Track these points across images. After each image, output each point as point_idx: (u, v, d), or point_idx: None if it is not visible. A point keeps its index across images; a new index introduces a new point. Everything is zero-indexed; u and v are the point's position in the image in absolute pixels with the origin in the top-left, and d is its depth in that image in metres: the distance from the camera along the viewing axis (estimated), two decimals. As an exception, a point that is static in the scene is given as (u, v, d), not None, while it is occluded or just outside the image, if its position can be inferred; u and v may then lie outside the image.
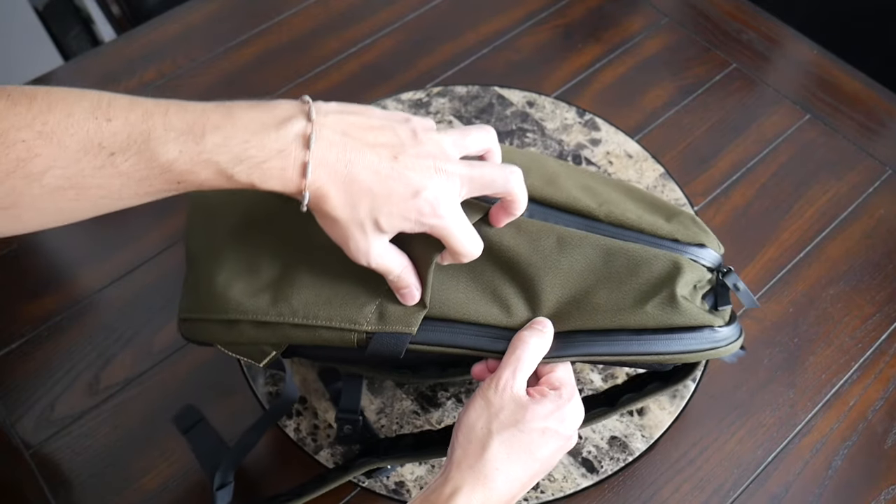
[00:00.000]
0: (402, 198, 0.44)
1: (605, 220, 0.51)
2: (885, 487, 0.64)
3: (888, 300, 0.73)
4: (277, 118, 0.42)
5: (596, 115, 0.85)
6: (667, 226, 0.52)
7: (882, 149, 0.84)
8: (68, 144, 0.39)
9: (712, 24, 0.95)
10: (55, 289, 0.75)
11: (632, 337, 0.50)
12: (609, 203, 0.52)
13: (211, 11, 0.98)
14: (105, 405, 0.68)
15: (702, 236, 0.53)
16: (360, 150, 0.43)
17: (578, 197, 0.52)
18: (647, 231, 0.51)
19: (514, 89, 0.88)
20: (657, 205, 0.55)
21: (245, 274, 0.51)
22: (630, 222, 0.51)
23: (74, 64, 0.95)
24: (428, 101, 0.87)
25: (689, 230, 0.53)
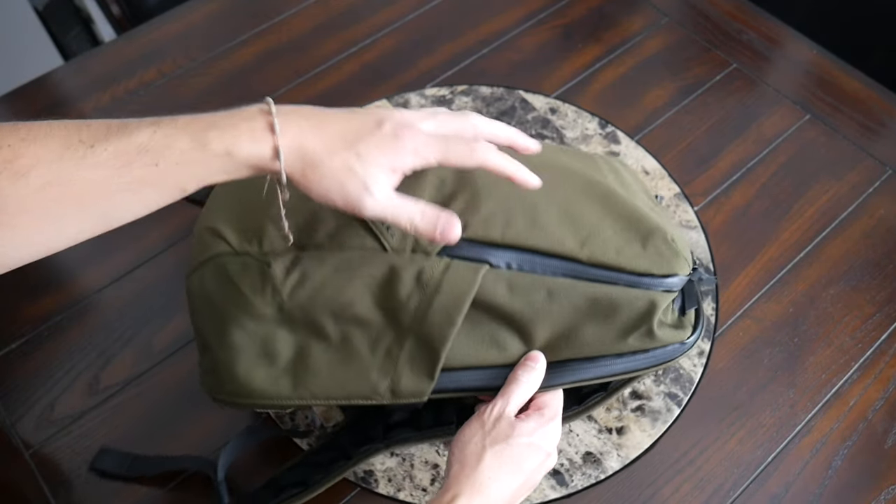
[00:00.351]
0: (370, 130, 0.45)
1: (588, 263, 0.54)
2: (885, 487, 0.64)
3: (888, 300, 0.73)
4: (238, 109, 0.46)
5: (618, 128, 0.85)
6: (643, 257, 0.55)
7: (882, 149, 0.84)
8: (51, 145, 0.41)
9: (712, 24, 0.95)
10: (55, 289, 0.75)
11: (615, 360, 0.57)
12: (591, 238, 0.55)
13: (211, 11, 0.98)
14: (105, 405, 0.68)
15: (674, 263, 0.55)
16: (318, 113, 0.46)
17: (563, 238, 0.54)
18: (626, 269, 0.54)
19: (538, 94, 0.88)
20: (633, 220, 0.56)
21: (262, 360, 0.53)
22: (611, 262, 0.54)
23: (74, 64, 0.95)
24: (451, 98, 0.87)
25: (663, 257, 0.55)
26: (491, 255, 0.53)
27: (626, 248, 0.55)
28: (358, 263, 0.51)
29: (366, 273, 0.51)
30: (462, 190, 0.54)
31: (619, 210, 0.56)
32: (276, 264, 0.51)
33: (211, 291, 0.53)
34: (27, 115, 0.88)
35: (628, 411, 0.67)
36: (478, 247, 0.53)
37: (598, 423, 0.66)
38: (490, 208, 0.53)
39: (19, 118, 0.88)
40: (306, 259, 0.51)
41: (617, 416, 0.67)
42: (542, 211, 0.55)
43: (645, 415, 0.67)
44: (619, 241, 0.55)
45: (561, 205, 0.55)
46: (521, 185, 0.50)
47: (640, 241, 0.55)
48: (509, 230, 0.53)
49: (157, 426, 0.67)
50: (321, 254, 0.51)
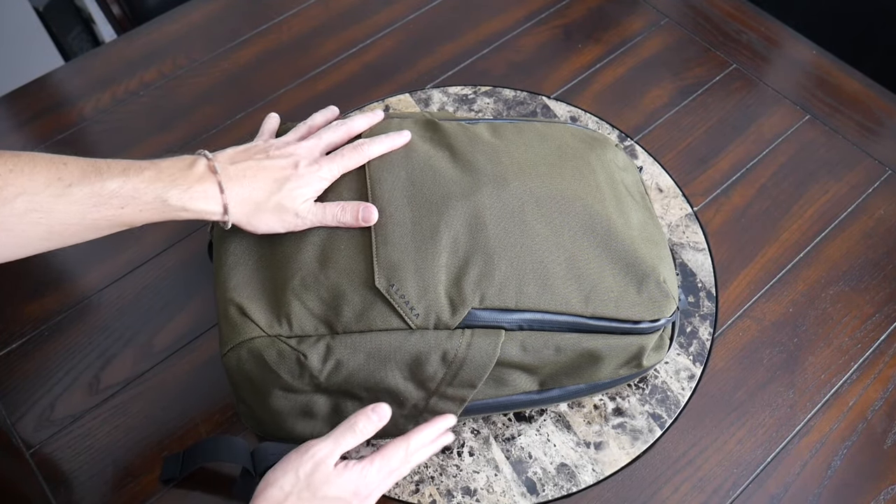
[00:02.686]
0: (289, 171, 0.59)
1: (591, 317, 0.59)
2: (884, 487, 0.64)
3: (888, 300, 0.74)
4: (187, 162, 0.56)
5: (637, 143, 0.85)
6: (638, 304, 0.60)
7: (881, 149, 0.84)
8: (36, 179, 0.50)
9: (712, 24, 0.96)
10: (55, 289, 0.75)
11: (605, 383, 0.65)
12: (594, 292, 0.59)
13: (211, 11, 0.98)
14: (105, 405, 0.68)
15: (664, 306, 0.61)
16: (252, 165, 0.58)
17: (569, 296, 0.59)
18: (623, 319, 0.60)
19: (562, 102, 0.88)
20: (631, 263, 0.61)
21: (302, 418, 0.60)
22: (610, 314, 0.59)
23: (74, 64, 0.95)
24: (474, 98, 0.87)
25: (655, 303, 0.61)
26: (505, 319, 0.57)
27: (624, 297, 0.60)
28: (388, 350, 0.56)
29: (396, 358, 0.56)
30: (475, 253, 0.58)
31: (619, 253, 0.61)
32: (312, 355, 0.55)
33: (249, 371, 0.56)
34: (27, 116, 0.88)
35: (609, 427, 0.66)
36: (495, 313, 0.57)
37: (576, 435, 0.66)
38: (504, 273, 0.57)
39: (19, 118, 0.88)
40: (338, 347, 0.55)
41: (597, 430, 0.66)
42: (551, 268, 0.59)
43: (626, 433, 0.66)
44: (617, 288, 0.60)
45: (567, 255, 0.60)
46: (402, 146, 0.62)
47: (635, 287, 0.60)
48: (522, 296, 0.57)
49: (157, 426, 0.67)
50: (352, 339, 0.55)
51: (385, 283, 0.55)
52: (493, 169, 0.61)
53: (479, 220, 0.58)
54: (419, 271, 0.56)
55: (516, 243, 0.59)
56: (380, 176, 0.60)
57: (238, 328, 0.55)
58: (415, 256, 0.56)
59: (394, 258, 0.56)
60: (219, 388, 0.68)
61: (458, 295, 0.56)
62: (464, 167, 0.61)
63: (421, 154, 0.62)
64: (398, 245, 0.57)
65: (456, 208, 0.58)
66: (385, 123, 0.65)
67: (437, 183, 0.60)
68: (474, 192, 0.59)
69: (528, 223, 0.59)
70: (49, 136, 0.86)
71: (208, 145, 0.84)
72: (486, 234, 0.58)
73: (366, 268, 0.56)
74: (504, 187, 0.60)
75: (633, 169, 0.71)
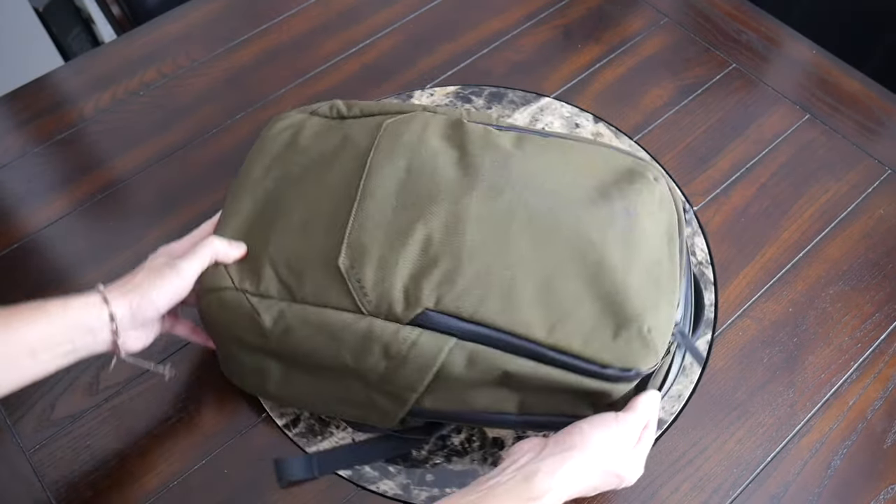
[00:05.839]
0: (163, 270, 0.59)
1: (551, 348, 0.55)
2: (884, 487, 0.64)
3: (888, 300, 0.74)
4: (93, 307, 0.56)
5: (637, 143, 0.84)
6: (609, 349, 0.55)
7: (881, 149, 0.84)
8: None
9: (712, 24, 0.96)
10: (55, 289, 0.75)
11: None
12: (561, 322, 0.55)
13: (211, 11, 0.98)
14: (105, 405, 0.68)
15: (639, 357, 0.55)
16: (142, 282, 0.58)
17: (532, 321, 0.55)
18: (588, 359, 0.55)
19: (563, 102, 0.88)
20: (614, 304, 0.56)
21: (260, 377, 0.63)
22: (575, 350, 0.55)
23: (74, 64, 0.95)
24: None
25: (631, 351, 0.55)
26: (459, 327, 0.56)
27: (595, 337, 0.55)
28: (335, 329, 0.57)
29: (343, 339, 0.57)
30: (444, 255, 0.57)
31: (605, 289, 0.57)
32: (265, 315, 0.58)
33: (216, 318, 0.60)
34: (27, 115, 0.88)
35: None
36: (448, 318, 0.56)
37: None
38: (468, 281, 0.56)
39: (19, 118, 0.88)
40: (291, 314, 0.57)
41: None
42: (519, 287, 0.56)
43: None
44: (590, 326, 0.56)
45: (542, 277, 0.57)
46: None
47: (612, 329, 0.56)
48: (481, 308, 0.55)
49: (157, 426, 0.67)
50: (306, 311, 0.57)
51: (347, 263, 0.57)
52: (495, 176, 0.61)
53: (459, 223, 0.58)
54: (382, 260, 0.57)
55: (490, 254, 0.57)
56: (379, 163, 0.61)
57: (214, 277, 0.59)
58: (382, 245, 0.58)
59: (362, 242, 0.58)
60: (219, 387, 0.68)
61: (414, 291, 0.56)
62: (466, 169, 0.61)
63: (429, 149, 0.62)
64: (370, 232, 0.58)
65: (440, 207, 0.59)
66: (416, 117, 0.66)
67: (433, 180, 0.60)
68: (464, 196, 0.59)
69: (511, 237, 0.58)
70: (49, 136, 0.86)
71: (208, 145, 0.85)
72: (462, 239, 0.58)
73: (336, 246, 0.58)
74: (497, 197, 0.59)
75: (668, 209, 0.63)
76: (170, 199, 0.80)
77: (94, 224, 0.80)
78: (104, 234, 0.79)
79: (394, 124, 0.65)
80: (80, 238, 0.79)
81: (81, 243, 0.78)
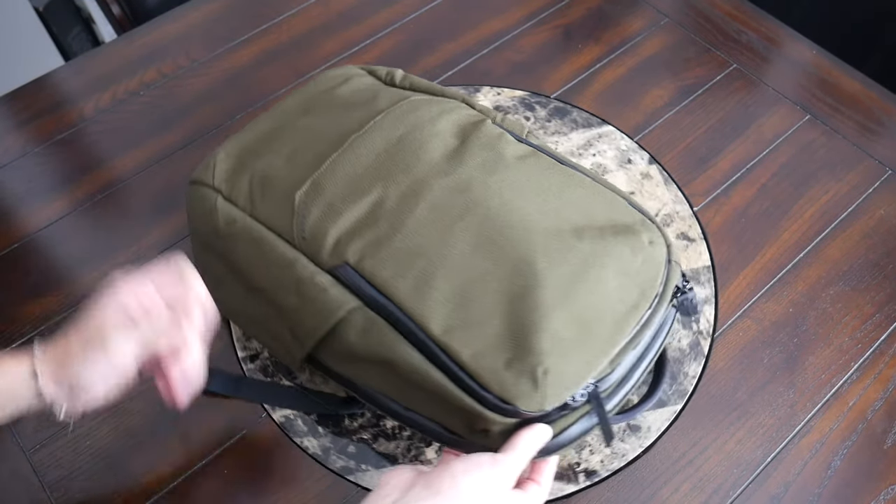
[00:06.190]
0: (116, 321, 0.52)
1: (441, 348, 0.54)
2: (884, 487, 0.64)
3: (888, 300, 0.74)
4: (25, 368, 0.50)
5: (637, 143, 0.84)
6: (496, 373, 0.52)
7: (882, 149, 0.84)
8: None
9: (712, 24, 0.96)
10: (55, 289, 0.75)
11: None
12: (462, 327, 0.54)
13: (211, 11, 0.98)
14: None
15: (522, 395, 0.52)
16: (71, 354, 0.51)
17: (433, 315, 0.54)
18: (472, 374, 0.53)
19: (563, 102, 0.88)
20: (523, 334, 0.53)
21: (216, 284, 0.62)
22: (463, 359, 0.53)
23: (74, 64, 0.95)
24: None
25: (518, 382, 0.52)
26: (367, 292, 0.56)
27: (488, 356, 0.53)
28: (267, 251, 0.60)
29: (270, 262, 0.59)
30: (385, 221, 0.58)
31: (520, 315, 0.54)
32: (221, 212, 0.62)
33: (190, 207, 0.65)
34: (27, 115, 0.88)
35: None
36: (361, 280, 0.57)
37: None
38: (393, 253, 0.57)
39: (19, 118, 0.88)
40: (241, 224, 0.61)
41: None
42: (438, 278, 0.56)
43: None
44: (487, 344, 0.53)
45: (464, 279, 0.56)
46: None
47: (508, 356, 0.53)
48: (393, 282, 0.56)
49: (157, 426, 0.67)
50: (253, 225, 0.61)
51: (302, 198, 0.60)
52: (474, 173, 0.60)
53: (413, 199, 0.59)
54: (331, 206, 0.59)
55: (426, 238, 0.57)
56: (380, 125, 0.63)
57: (202, 171, 0.64)
58: (338, 193, 0.60)
59: (323, 185, 0.60)
60: (219, 388, 0.68)
61: (344, 243, 0.58)
62: (452, 158, 0.62)
63: (432, 131, 0.63)
64: (336, 179, 0.60)
65: (406, 179, 0.60)
66: (445, 103, 0.67)
67: (416, 155, 0.61)
68: (433, 178, 0.60)
69: (454, 231, 0.58)
70: (49, 136, 0.86)
71: (208, 145, 0.84)
72: (409, 215, 0.58)
73: (302, 181, 0.61)
74: (463, 191, 0.59)
75: (648, 279, 0.58)
76: (170, 199, 0.80)
77: (94, 224, 0.80)
78: (104, 234, 0.79)
79: (418, 101, 0.66)
80: (80, 238, 0.79)
81: (81, 243, 0.78)
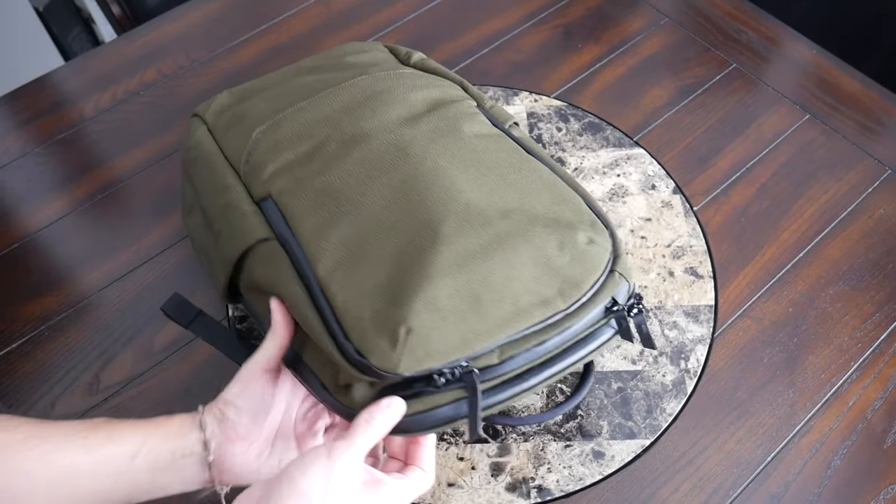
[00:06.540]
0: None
1: (321, 288, 0.53)
2: (884, 487, 0.64)
3: (888, 300, 0.74)
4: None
5: (637, 143, 0.85)
6: (361, 323, 0.50)
7: (881, 149, 0.84)
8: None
9: (712, 24, 0.96)
10: (55, 289, 0.75)
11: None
12: (343, 271, 0.52)
13: (211, 11, 0.98)
14: (105, 405, 0.68)
15: (377, 351, 0.49)
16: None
17: (323, 254, 0.54)
18: (338, 319, 0.51)
19: (563, 102, 0.88)
20: (401, 290, 0.51)
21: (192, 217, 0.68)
22: (335, 302, 0.52)
23: (74, 64, 0.95)
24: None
25: (378, 335, 0.49)
26: (279, 227, 0.56)
27: (359, 306, 0.50)
28: (215, 172, 0.62)
29: (213, 183, 0.62)
30: (315, 162, 0.59)
31: (403, 272, 0.51)
32: (192, 137, 0.66)
33: (183, 137, 0.69)
34: (27, 115, 0.88)
35: (628, 411, 0.67)
36: (276, 212, 0.57)
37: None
38: (307, 190, 0.57)
39: (19, 118, 0.88)
40: (205, 147, 0.64)
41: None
42: (342, 223, 0.54)
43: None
44: (362, 293, 0.51)
45: (366, 229, 0.54)
46: None
47: (377, 309, 0.50)
48: (300, 216, 0.56)
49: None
50: (214, 150, 0.64)
51: (259, 136, 0.61)
52: (418, 137, 0.59)
53: (353, 148, 0.59)
54: (277, 143, 0.60)
55: (346, 185, 0.57)
56: (355, 84, 0.64)
57: (205, 105, 0.68)
58: (290, 134, 0.61)
59: (282, 126, 0.62)
60: (219, 387, 0.68)
61: (275, 177, 0.59)
62: (407, 122, 0.61)
63: (406, 97, 0.63)
64: (294, 122, 0.62)
65: (351, 129, 0.60)
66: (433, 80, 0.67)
67: (374, 112, 0.61)
68: (379, 134, 0.60)
69: (375, 182, 0.56)
70: (49, 136, 0.86)
71: (208, 145, 0.84)
72: (342, 161, 0.58)
73: (267, 119, 0.63)
74: (401, 150, 0.58)
75: (575, 274, 0.54)
76: (170, 198, 0.80)
77: (94, 224, 0.80)
78: (104, 234, 0.79)
79: (409, 74, 0.67)
80: (80, 238, 0.79)
81: (81, 243, 0.78)
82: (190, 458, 0.51)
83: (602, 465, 0.64)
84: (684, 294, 0.73)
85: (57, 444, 0.48)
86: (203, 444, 0.51)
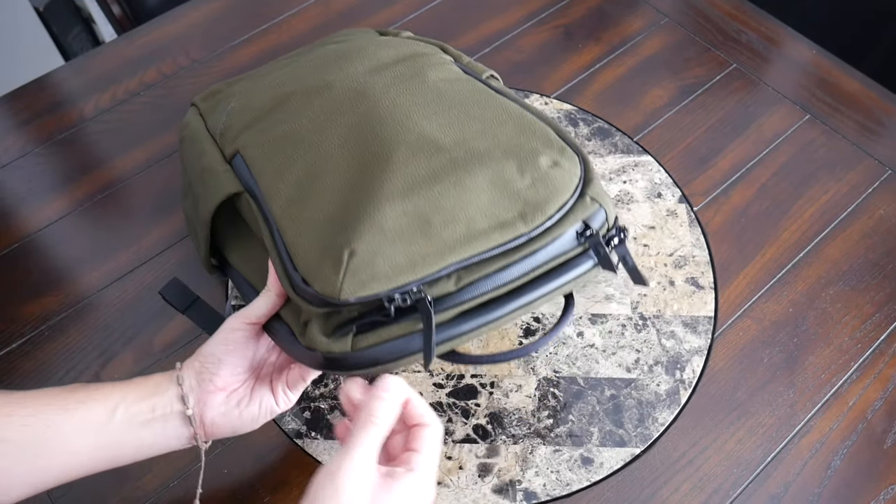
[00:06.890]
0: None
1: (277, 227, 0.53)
2: (884, 487, 0.64)
3: (888, 300, 0.74)
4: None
5: (637, 143, 0.85)
6: (308, 255, 0.50)
7: (881, 149, 0.84)
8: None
9: (712, 24, 0.96)
10: (55, 289, 0.75)
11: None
12: (295, 206, 0.53)
13: (211, 11, 0.98)
14: (105, 405, 0.68)
15: (320, 276, 0.48)
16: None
17: (278, 193, 0.55)
18: (288, 251, 0.51)
19: (563, 102, 0.88)
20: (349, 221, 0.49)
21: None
22: (286, 238, 0.52)
23: (74, 64, 0.95)
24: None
25: (323, 263, 0.49)
26: (246, 179, 0.57)
27: (308, 240, 0.50)
28: (196, 146, 0.63)
29: (193, 155, 0.63)
30: (277, 115, 0.59)
31: (357, 201, 0.50)
32: (192, 114, 0.68)
33: (183, 122, 0.69)
34: (27, 115, 0.88)
35: (628, 411, 0.67)
36: (243, 167, 0.58)
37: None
38: (270, 140, 0.57)
39: (19, 118, 0.88)
40: (191, 127, 0.66)
41: None
42: (297, 166, 0.54)
43: (644, 415, 0.67)
44: (315, 225, 0.50)
45: (320, 168, 0.54)
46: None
47: (326, 243, 0.49)
48: (262, 166, 0.56)
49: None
50: (199, 126, 0.65)
51: (237, 101, 0.64)
52: (379, 82, 0.59)
53: (315, 97, 0.59)
54: (248, 105, 0.62)
55: (305, 129, 0.57)
56: (332, 47, 0.67)
57: (203, 93, 0.69)
58: (259, 94, 0.63)
59: (255, 89, 0.64)
60: (219, 387, 0.68)
61: (243, 132, 0.59)
62: (372, 71, 0.60)
63: (376, 53, 0.63)
64: (265, 85, 0.64)
65: (317, 82, 0.60)
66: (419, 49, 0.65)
67: (340, 67, 0.62)
68: (342, 82, 0.59)
69: (332, 123, 0.56)
70: (49, 136, 0.86)
71: (208, 145, 0.85)
72: (303, 109, 0.59)
73: (253, 87, 0.66)
74: (361, 93, 0.58)
75: (538, 197, 0.52)
76: (170, 198, 0.80)
77: (94, 224, 0.80)
78: (104, 234, 0.79)
79: (381, 38, 0.68)
80: (80, 238, 0.79)
81: (81, 243, 0.78)
82: (171, 415, 0.52)
83: (590, 472, 0.64)
84: (684, 304, 0.73)
85: (34, 409, 0.50)
86: (181, 399, 0.52)
